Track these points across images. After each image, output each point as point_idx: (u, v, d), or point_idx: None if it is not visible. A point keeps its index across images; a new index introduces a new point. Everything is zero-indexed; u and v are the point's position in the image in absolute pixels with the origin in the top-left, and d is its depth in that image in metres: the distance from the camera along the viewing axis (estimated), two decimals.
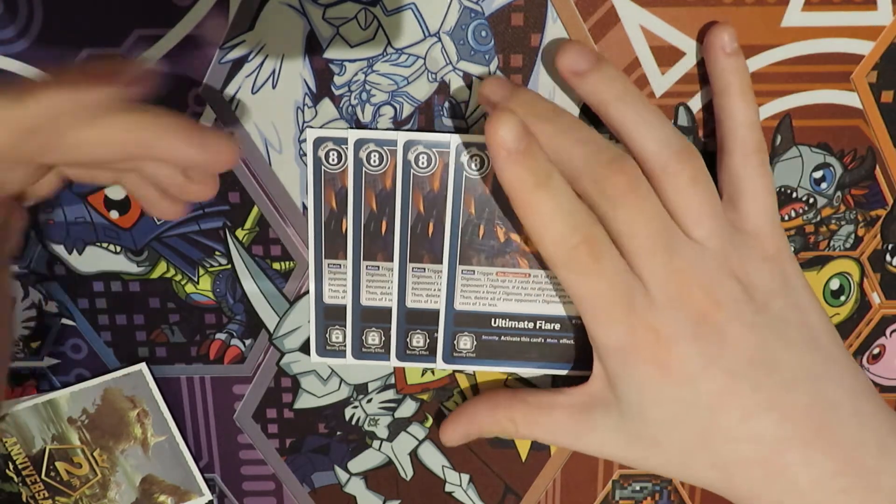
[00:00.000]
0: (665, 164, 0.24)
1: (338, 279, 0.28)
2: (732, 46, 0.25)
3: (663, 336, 0.23)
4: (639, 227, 0.23)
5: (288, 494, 0.32)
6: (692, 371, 0.23)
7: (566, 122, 0.25)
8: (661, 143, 0.24)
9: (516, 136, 0.22)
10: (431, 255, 0.27)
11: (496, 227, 0.27)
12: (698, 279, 0.23)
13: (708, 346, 0.23)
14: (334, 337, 0.28)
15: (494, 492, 0.31)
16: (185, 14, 0.26)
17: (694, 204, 0.24)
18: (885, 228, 0.28)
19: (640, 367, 0.23)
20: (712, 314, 0.23)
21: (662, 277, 0.23)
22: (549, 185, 0.23)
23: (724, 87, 0.25)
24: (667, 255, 0.23)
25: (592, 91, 0.25)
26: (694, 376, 0.23)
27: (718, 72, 0.25)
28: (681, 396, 0.23)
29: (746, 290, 0.23)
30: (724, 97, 0.25)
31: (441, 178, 0.26)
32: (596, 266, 0.23)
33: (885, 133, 0.27)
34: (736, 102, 0.25)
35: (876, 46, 0.26)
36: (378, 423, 0.31)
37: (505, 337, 0.28)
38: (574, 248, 0.23)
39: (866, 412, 0.23)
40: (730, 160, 0.25)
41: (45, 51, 0.26)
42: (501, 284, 0.27)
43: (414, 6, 0.26)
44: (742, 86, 0.25)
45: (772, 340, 0.23)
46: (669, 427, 0.23)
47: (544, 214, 0.23)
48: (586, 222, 0.23)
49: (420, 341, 0.28)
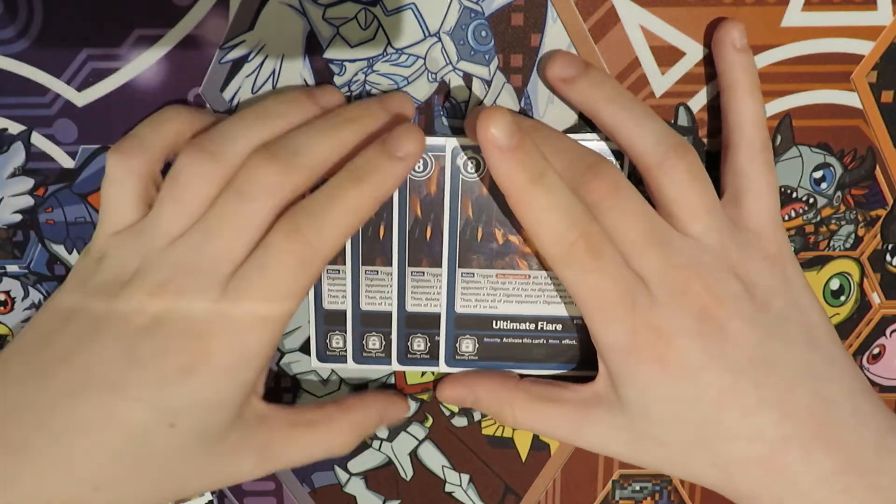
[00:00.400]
0: (660, 160, 0.24)
1: (337, 284, 0.28)
2: (742, 42, 0.25)
3: (665, 334, 0.23)
4: (627, 227, 0.23)
5: (288, 494, 0.32)
6: (693, 367, 0.23)
7: (544, 133, 0.25)
8: (655, 139, 0.24)
9: (507, 133, 0.22)
10: (430, 258, 0.27)
11: (495, 230, 0.27)
12: (697, 274, 0.23)
13: (709, 343, 0.23)
14: (335, 342, 0.28)
15: (494, 492, 0.31)
16: (185, 14, 0.26)
17: (690, 198, 0.24)
18: (885, 228, 0.28)
19: (642, 367, 0.23)
20: (713, 310, 0.23)
21: (660, 273, 0.23)
22: (543, 181, 0.22)
23: (733, 84, 0.25)
24: (661, 250, 0.23)
25: (582, 96, 0.25)
26: (695, 372, 0.23)
27: (727, 68, 0.25)
28: (682, 393, 0.23)
29: (747, 288, 0.23)
30: (731, 93, 0.25)
31: (438, 182, 0.26)
32: (595, 263, 0.23)
33: (885, 133, 0.27)
34: (744, 99, 0.25)
35: (876, 46, 0.26)
36: None
37: (507, 339, 0.28)
38: (572, 245, 0.23)
39: (866, 411, 0.23)
40: (735, 157, 0.25)
41: (45, 51, 0.26)
42: (502, 286, 0.27)
43: (414, 6, 0.26)
44: (750, 83, 0.25)
45: (772, 339, 0.23)
46: (671, 425, 0.23)
47: (540, 211, 0.23)
48: (583, 218, 0.23)
49: (421, 345, 0.28)
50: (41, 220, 0.28)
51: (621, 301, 0.23)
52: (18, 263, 0.29)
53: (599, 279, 0.23)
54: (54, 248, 0.28)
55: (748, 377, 0.23)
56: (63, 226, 0.28)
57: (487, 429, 0.31)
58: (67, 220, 0.28)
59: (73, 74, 0.26)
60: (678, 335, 0.23)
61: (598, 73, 0.25)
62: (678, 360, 0.23)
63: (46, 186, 0.28)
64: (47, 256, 0.28)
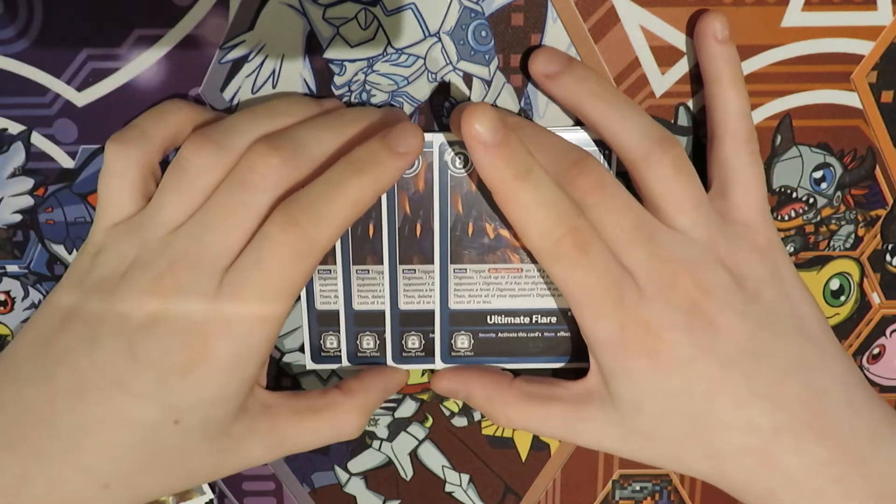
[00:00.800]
0: (646, 154, 0.24)
1: (328, 284, 0.28)
2: (724, 34, 0.25)
3: (654, 328, 0.23)
4: (613, 223, 0.23)
5: (288, 494, 0.32)
6: (683, 360, 0.23)
7: (529, 130, 0.25)
8: (640, 133, 0.24)
9: (492, 129, 0.22)
10: (421, 255, 0.27)
11: (485, 224, 0.27)
12: (685, 267, 0.23)
13: (699, 336, 0.23)
14: (328, 343, 0.28)
15: (494, 492, 0.31)
16: (185, 14, 0.26)
17: (676, 192, 0.24)
18: (885, 228, 0.28)
19: (632, 361, 0.23)
20: (702, 303, 0.23)
21: (647, 267, 0.23)
22: (530, 177, 0.22)
23: (716, 76, 0.25)
24: (647, 245, 0.23)
25: (566, 91, 0.25)
26: (685, 365, 0.23)
27: (709, 59, 0.25)
28: (673, 387, 0.23)
29: (736, 280, 0.23)
30: (715, 86, 0.25)
31: (426, 178, 0.26)
32: (583, 258, 0.22)
33: (885, 133, 0.27)
34: (728, 91, 0.25)
35: (876, 46, 0.26)
36: (378, 423, 0.31)
37: (502, 333, 0.28)
38: (559, 241, 0.22)
39: (858, 401, 0.23)
40: (720, 149, 0.25)
41: (45, 51, 0.26)
42: (494, 281, 0.27)
43: (414, 6, 0.26)
44: (733, 74, 0.25)
45: (763, 330, 0.23)
46: (662, 419, 0.23)
47: (526, 207, 0.22)
48: (570, 213, 0.23)
49: (415, 343, 0.28)
50: (41, 220, 0.28)
51: (609, 296, 0.23)
52: (18, 263, 0.29)
53: (587, 274, 0.23)
54: (54, 248, 0.28)
55: (739, 369, 0.23)
56: (63, 226, 0.28)
57: (487, 429, 0.31)
58: (67, 220, 0.28)
59: (73, 74, 0.26)
60: (667, 329, 0.23)
61: (581, 68, 0.25)
62: (668, 353, 0.23)
63: (46, 186, 0.28)
64: (47, 256, 0.28)
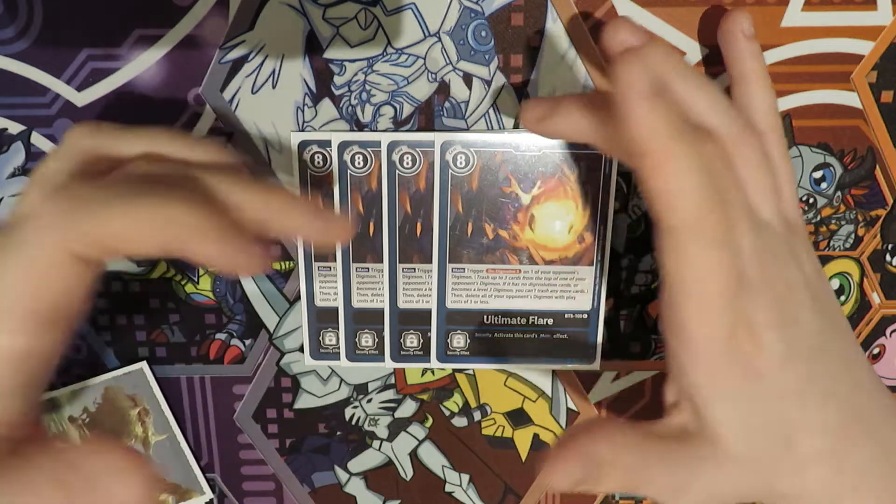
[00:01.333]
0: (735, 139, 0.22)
1: (328, 282, 0.28)
2: (751, 31, 0.24)
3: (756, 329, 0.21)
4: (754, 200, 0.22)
5: (288, 494, 0.32)
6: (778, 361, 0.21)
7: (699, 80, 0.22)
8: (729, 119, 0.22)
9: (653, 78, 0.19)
10: (421, 254, 0.27)
11: (485, 225, 0.27)
12: (775, 260, 0.22)
13: (789, 333, 0.21)
14: (328, 339, 0.28)
15: (494, 492, 0.31)
16: (185, 14, 0.26)
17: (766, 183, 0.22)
18: (885, 228, 0.28)
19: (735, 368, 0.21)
20: (789, 298, 0.22)
21: (750, 256, 0.21)
22: (686, 138, 0.19)
23: (745, 73, 0.24)
24: (753, 232, 0.21)
25: None
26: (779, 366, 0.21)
27: (738, 57, 0.25)
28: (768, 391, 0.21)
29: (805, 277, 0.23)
30: (745, 84, 0.24)
31: (427, 178, 0.26)
32: (726, 237, 0.20)
33: (885, 133, 0.27)
34: (758, 88, 0.24)
35: (876, 46, 0.26)
36: (378, 423, 0.31)
37: (498, 333, 0.28)
38: (710, 214, 0.20)
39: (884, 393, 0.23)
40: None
41: (45, 51, 0.26)
42: (492, 281, 0.27)
43: (414, 6, 0.26)
44: (763, 71, 0.24)
45: (827, 327, 0.23)
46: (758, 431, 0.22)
47: (680, 171, 0.19)
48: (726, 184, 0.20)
49: (414, 341, 0.28)
50: None
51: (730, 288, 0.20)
52: None
53: (722, 256, 0.20)
54: None
55: (813, 366, 0.22)
56: None
57: (487, 429, 0.31)
58: None
59: (73, 74, 0.26)
60: (766, 328, 0.21)
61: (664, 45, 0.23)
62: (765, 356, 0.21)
63: None
64: None
